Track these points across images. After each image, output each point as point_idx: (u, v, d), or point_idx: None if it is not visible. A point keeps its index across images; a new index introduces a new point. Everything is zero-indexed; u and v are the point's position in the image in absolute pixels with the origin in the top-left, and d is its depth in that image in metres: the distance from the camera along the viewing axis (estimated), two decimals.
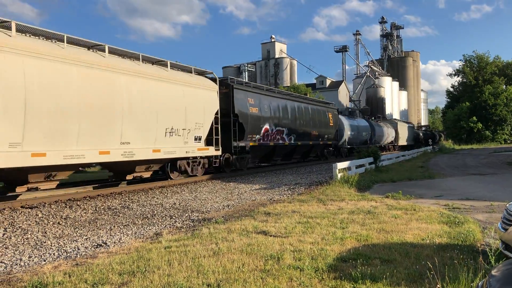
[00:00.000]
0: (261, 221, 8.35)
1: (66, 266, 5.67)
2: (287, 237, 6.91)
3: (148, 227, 8.34)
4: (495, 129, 69.30)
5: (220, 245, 6.36)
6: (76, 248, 6.69)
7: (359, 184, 14.52)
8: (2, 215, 9.33)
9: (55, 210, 10.08)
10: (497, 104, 67.97)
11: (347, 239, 6.65)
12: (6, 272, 5.51)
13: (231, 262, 5.47)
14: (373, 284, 4.62)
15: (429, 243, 6.36)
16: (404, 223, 7.84)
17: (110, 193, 12.88)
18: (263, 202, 11.38)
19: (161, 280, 4.84)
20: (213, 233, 7.28)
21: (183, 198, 12.10)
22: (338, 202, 10.81)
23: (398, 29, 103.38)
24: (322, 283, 4.75)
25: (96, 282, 4.83)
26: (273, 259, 5.56)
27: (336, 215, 8.77)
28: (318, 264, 5.33)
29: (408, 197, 11.47)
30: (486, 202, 10.43)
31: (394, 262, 5.43)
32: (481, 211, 9.35)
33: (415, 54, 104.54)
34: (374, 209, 9.49)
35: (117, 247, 6.71)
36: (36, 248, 6.72)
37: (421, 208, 9.48)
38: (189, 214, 9.72)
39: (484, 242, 6.49)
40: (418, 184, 14.95)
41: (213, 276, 4.95)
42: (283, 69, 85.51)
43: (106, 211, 10.05)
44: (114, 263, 5.55)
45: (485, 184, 14.41)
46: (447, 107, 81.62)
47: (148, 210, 10.18)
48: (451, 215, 8.57)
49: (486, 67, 72.02)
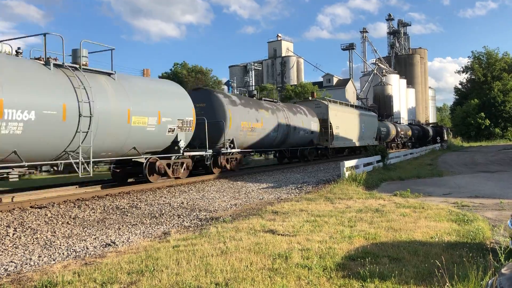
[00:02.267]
0: (269, 220, 8.35)
1: (75, 265, 5.71)
2: (295, 235, 6.90)
3: (156, 226, 8.37)
4: (505, 126, 68.68)
5: (228, 244, 6.37)
6: (85, 248, 6.74)
7: (367, 182, 14.47)
8: (12, 215, 9.42)
9: (64, 209, 10.16)
10: (506, 101, 67.36)
11: (355, 237, 6.63)
12: (17, 271, 5.56)
13: (239, 261, 5.48)
14: (382, 282, 4.60)
15: (438, 241, 6.32)
16: (413, 221, 7.80)
17: (118, 192, 12.95)
18: (270, 201, 11.38)
19: (169, 279, 4.86)
20: (221, 232, 7.30)
21: (190, 197, 12.14)
22: (346, 200, 10.78)
23: (405, 26, 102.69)
24: (330, 281, 4.74)
25: (105, 281, 4.86)
26: (281, 258, 5.56)
27: (344, 214, 8.74)
28: (326, 263, 5.32)
29: (417, 195, 11.41)
30: (495, 199, 10.34)
31: (403, 260, 5.40)
32: (491, 208, 9.27)
33: (422, 51, 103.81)
34: (382, 207, 9.46)
35: (125, 246, 6.74)
36: (45, 248, 6.78)
37: (429, 206, 9.42)
38: (197, 213, 9.75)
39: (493, 240, 6.44)
40: (427, 182, 14.86)
41: (221, 275, 4.95)
42: (290, 68, 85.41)
43: (115, 211, 10.11)
44: (123, 263, 5.58)
45: (495, 182, 14.28)
46: (455, 104, 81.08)
47: (156, 210, 10.22)
48: (460, 213, 8.51)
49: (495, 64, 71.35)
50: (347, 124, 31.79)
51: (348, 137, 31.83)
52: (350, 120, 32.77)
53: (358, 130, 34.26)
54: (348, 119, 32.08)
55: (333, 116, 28.98)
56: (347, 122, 31.69)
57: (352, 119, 33.28)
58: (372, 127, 38.70)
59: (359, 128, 34.59)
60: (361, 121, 35.13)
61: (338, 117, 29.87)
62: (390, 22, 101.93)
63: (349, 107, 35.18)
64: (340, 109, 31.43)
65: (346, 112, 32.59)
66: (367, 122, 36.83)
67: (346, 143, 31.55)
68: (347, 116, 32.14)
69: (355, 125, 33.91)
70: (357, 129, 34.21)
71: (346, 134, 31.49)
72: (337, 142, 29.75)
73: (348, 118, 32.20)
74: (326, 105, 28.91)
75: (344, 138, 31.06)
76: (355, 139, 33.44)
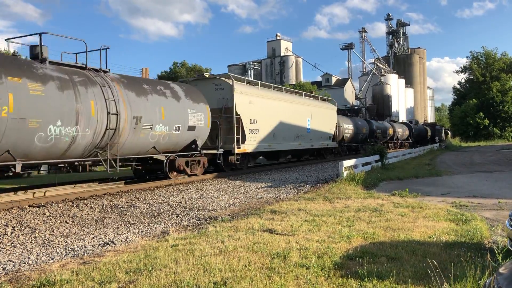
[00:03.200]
0: (267, 219, 8.35)
1: (74, 264, 5.71)
2: (293, 235, 6.91)
3: (155, 225, 8.37)
4: (503, 126, 68.81)
5: (227, 243, 6.37)
6: (83, 247, 6.73)
7: (366, 182, 14.48)
8: (10, 213, 9.41)
9: (62, 208, 10.15)
10: (505, 101, 67.50)
11: (354, 237, 6.64)
12: (15, 270, 5.55)
13: (238, 260, 5.48)
14: (380, 282, 4.61)
15: (436, 241, 6.33)
16: (411, 221, 7.82)
17: (116, 191, 12.94)
18: (269, 200, 11.38)
19: (168, 278, 4.86)
20: (219, 231, 7.30)
21: (189, 197, 12.13)
22: (344, 200, 10.79)
23: (404, 26, 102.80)
24: (329, 281, 4.75)
25: (103, 281, 4.86)
26: (279, 257, 5.57)
27: (343, 213, 8.75)
28: (325, 262, 5.32)
29: (415, 194, 11.42)
30: (493, 199, 10.37)
31: (401, 260, 5.41)
32: (489, 208, 9.29)
33: (421, 51, 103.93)
34: (381, 207, 9.47)
35: (124, 245, 6.74)
36: (43, 247, 6.77)
37: (428, 206, 9.44)
38: (195, 212, 9.75)
39: (491, 239, 6.45)
40: (425, 182, 14.88)
41: (219, 274, 4.96)
42: (289, 67, 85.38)
43: (113, 210, 10.10)
44: (121, 262, 5.58)
45: (493, 182, 14.31)
46: (453, 104, 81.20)
47: (154, 209, 10.21)
48: (458, 212, 8.53)
49: (493, 64, 71.49)
50: (277, 116, 22.20)
51: (278, 136, 22.25)
52: (283, 111, 22.85)
53: (298, 127, 24.84)
54: (278, 110, 22.35)
55: (244, 104, 19.21)
56: (276, 113, 22.13)
57: (286, 110, 23.26)
58: (327, 123, 29.13)
59: (302, 123, 25.31)
60: (306, 113, 25.80)
61: (256, 106, 20.23)
62: (389, 22, 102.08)
63: (281, 93, 24.32)
64: (259, 94, 21.11)
65: (274, 100, 22.33)
66: (318, 116, 27.33)
67: (274, 145, 21.88)
68: (276, 105, 22.26)
69: (294, 119, 24.27)
70: (298, 126, 24.73)
71: (276, 132, 22.00)
72: (255, 145, 20.18)
73: (277, 108, 22.37)
74: (231, 86, 18.68)
75: (270, 139, 21.42)
76: (292, 139, 24.01)
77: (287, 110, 23.49)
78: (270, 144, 21.56)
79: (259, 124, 20.39)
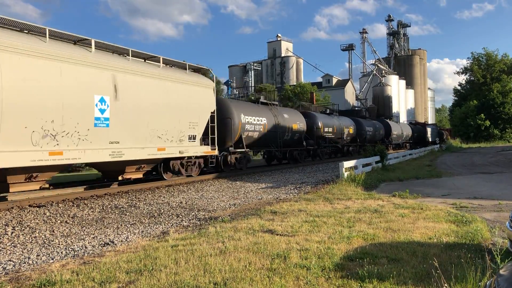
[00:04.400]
0: (268, 220, 8.35)
1: (74, 264, 5.71)
2: (294, 236, 6.90)
3: (155, 225, 8.37)
4: (504, 128, 68.80)
5: (227, 244, 6.37)
6: (84, 247, 6.73)
7: (366, 183, 14.47)
8: (11, 213, 9.41)
9: (62, 209, 10.15)
10: (505, 102, 67.50)
11: (354, 238, 6.63)
12: (15, 270, 5.55)
13: (238, 261, 5.47)
14: (380, 283, 4.61)
15: (437, 242, 6.32)
16: (411, 222, 7.81)
17: (117, 192, 12.94)
18: (269, 201, 11.38)
19: (168, 279, 4.86)
20: (219, 231, 7.30)
21: (189, 197, 12.13)
22: (344, 201, 10.78)
23: (405, 27, 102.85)
24: (329, 282, 4.74)
25: (103, 281, 4.86)
26: (279, 258, 5.56)
27: (343, 214, 8.75)
28: (325, 263, 5.32)
29: (415, 196, 11.41)
30: (494, 201, 10.36)
31: (401, 261, 5.41)
32: (489, 210, 9.28)
33: (422, 52, 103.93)
34: (381, 208, 9.46)
35: (124, 245, 6.74)
36: (44, 247, 6.78)
37: (428, 207, 9.43)
38: (196, 212, 9.75)
39: (492, 241, 6.44)
40: (425, 183, 14.87)
41: (219, 274, 4.95)
42: (289, 68, 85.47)
43: (113, 210, 10.10)
44: (121, 262, 5.58)
45: (493, 183, 14.30)
46: (454, 105, 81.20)
47: (155, 209, 10.21)
48: (459, 214, 8.52)
49: (494, 65, 71.50)
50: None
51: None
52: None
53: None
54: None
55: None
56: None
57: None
58: (194, 111, 15.50)
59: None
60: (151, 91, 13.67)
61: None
62: (390, 23, 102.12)
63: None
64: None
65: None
66: (174, 98, 14.56)
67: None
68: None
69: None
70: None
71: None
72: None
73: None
74: None
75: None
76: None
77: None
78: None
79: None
